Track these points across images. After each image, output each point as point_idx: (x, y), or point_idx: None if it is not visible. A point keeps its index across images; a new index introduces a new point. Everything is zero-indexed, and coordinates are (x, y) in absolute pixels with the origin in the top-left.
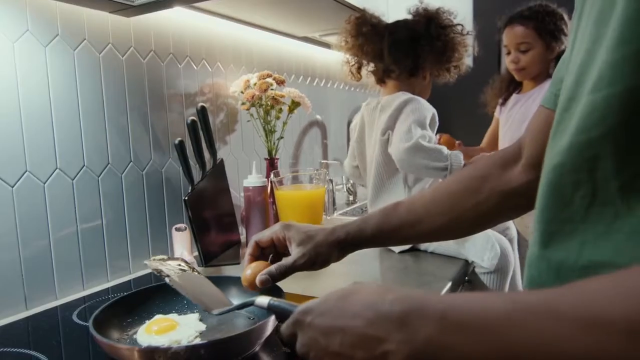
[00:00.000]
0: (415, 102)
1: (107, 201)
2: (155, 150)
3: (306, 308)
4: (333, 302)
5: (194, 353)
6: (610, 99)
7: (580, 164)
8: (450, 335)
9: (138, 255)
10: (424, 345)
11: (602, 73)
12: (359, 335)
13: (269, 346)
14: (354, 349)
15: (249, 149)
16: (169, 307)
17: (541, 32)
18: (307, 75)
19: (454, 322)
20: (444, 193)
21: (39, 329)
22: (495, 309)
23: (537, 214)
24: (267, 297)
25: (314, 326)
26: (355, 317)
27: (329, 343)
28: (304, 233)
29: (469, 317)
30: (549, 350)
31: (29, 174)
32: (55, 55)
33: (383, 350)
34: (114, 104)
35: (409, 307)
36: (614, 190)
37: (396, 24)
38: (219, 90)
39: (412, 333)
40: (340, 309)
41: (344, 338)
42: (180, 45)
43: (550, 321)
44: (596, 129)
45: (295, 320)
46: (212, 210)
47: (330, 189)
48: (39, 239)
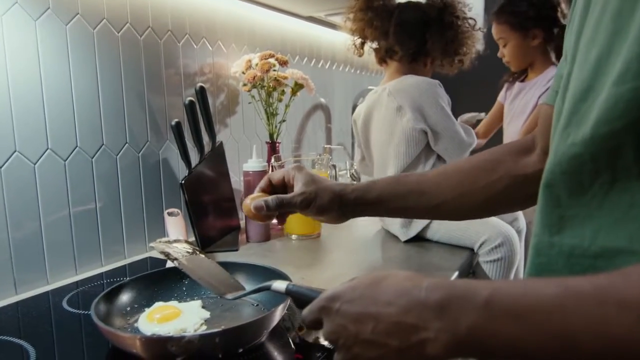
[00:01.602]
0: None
1: (101, 183)
2: (152, 132)
3: (333, 294)
4: (363, 289)
5: (208, 341)
6: (636, 91)
7: (602, 154)
8: (498, 322)
9: (133, 239)
10: (467, 333)
11: (629, 66)
12: (394, 323)
13: (275, 336)
14: (389, 337)
15: (250, 132)
16: (168, 294)
17: (513, 25)
18: (311, 57)
19: (502, 309)
20: (456, 169)
21: (27, 315)
22: (547, 294)
23: (545, 203)
24: (285, 282)
25: (343, 313)
26: (389, 304)
27: (359, 330)
28: (311, 176)
29: (518, 303)
30: (608, 336)
31: (18, 154)
32: (46, 30)
33: (420, 339)
34: (109, 83)
35: (448, 294)
36: (634, 177)
37: (408, 4)
38: (220, 71)
39: (453, 321)
40: (371, 296)
41: (377, 326)
42: (180, 22)
43: (608, 307)
44: (620, 121)
45: (321, 306)
46: (210, 195)
47: (332, 174)
48: (29, 221)
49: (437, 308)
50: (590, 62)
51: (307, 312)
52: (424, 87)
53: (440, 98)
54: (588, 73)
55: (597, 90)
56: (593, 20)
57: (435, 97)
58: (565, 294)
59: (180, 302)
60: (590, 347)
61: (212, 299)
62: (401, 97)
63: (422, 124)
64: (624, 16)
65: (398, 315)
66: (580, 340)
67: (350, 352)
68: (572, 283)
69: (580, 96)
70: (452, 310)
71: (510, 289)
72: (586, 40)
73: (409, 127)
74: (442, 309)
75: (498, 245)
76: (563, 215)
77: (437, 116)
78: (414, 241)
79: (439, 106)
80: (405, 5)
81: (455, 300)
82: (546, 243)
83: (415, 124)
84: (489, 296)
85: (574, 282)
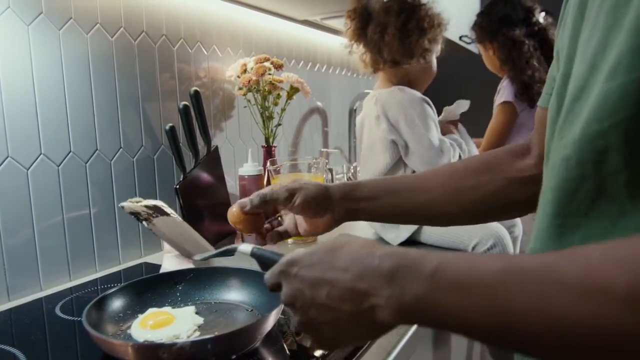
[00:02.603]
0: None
1: (95, 189)
2: (147, 136)
3: (292, 259)
4: (321, 255)
5: (200, 348)
6: (626, 86)
7: (589, 155)
8: (442, 293)
9: (128, 245)
10: (413, 302)
11: (620, 60)
12: (347, 289)
13: (270, 341)
14: (342, 303)
15: (246, 136)
16: (162, 300)
17: (477, 36)
18: (307, 60)
19: (446, 280)
20: (448, 167)
21: (20, 322)
22: (491, 269)
23: (540, 208)
24: (250, 245)
25: (301, 277)
26: (344, 270)
27: (315, 295)
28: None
29: (462, 276)
30: (546, 314)
31: (10, 159)
32: (39, 35)
33: (370, 305)
34: (103, 87)
35: (398, 263)
36: (620, 184)
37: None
38: (215, 75)
39: (401, 289)
40: (328, 262)
41: (331, 291)
42: (174, 26)
43: (549, 286)
44: (608, 119)
45: (281, 270)
46: (206, 199)
47: (329, 178)
48: (22, 227)
49: (387, 276)
50: (586, 60)
51: (268, 276)
52: (405, 103)
53: (419, 115)
54: (584, 71)
55: (591, 88)
56: (591, 17)
57: (414, 114)
58: (508, 270)
59: (174, 308)
60: (528, 324)
61: (206, 305)
62: (383, 107)
63: (395, 135)
64: (620, 10)
65: (351, 281)
66: (519, 316)
67: (306, 315)
68: (516, 260)
69: (575, 95)
70: (401, 278)
71: (456, 262)
72: (584, 39)
73: (383, 136)
74: (392, 277)
75: (490, 247)
76: (555, 223)
77: (410, 132)
78: (407, 244)
79: (414, 123)
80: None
81: (404, 269)
82: (538, 250)
83: (387, 134)
84: (436, 268)
85: (518, 259)
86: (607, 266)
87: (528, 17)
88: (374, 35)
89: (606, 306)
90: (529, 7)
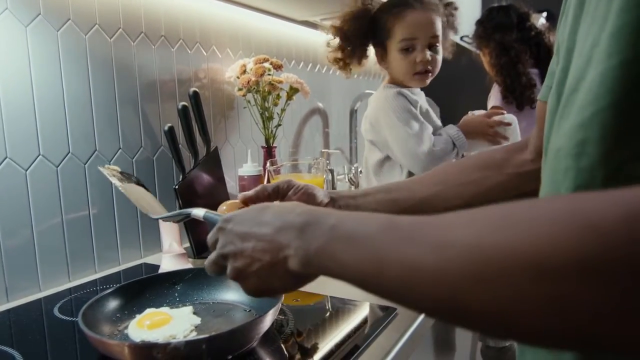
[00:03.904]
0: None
1: (94, 189)
2: (146, 137)
3: (228, 216)
4: (251, 212)
5: (195, 348)
6: (605, 74)
7: (571, 147)
8: (336, 244)
9: (127, 245)
10: (315, 252)
11: (603, 46)
12: (268, 242)
13: (267, 341)
14: (263, 253)
15: (246, 137)
16: (160, 300)
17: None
18: (307, 61)
19: (340, 234)
20: (447, 164)
21: (18, 323)
22: (373, 225)
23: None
24: (203, 209)
25: (233, 231)
26: (267, 224)
27: (243, 247)
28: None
29: (352, 230)
30: (403, 263)
31: (9, 160)
32: (37, 36)
33: (285, 255)
34: (101, 88)
35: (308, 219)
36: (598, 181)
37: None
38: (215, 76)
39: (307, 240)
40: (255, 218)
41: (256, 244)
42: (173, 27)
43: (410, 241)
44: (588, 109)
45: (219, 227)
46: (206, 200)
47: (329, 179)
48: (21, 228)
49: (299, 229)
50: (584, 53)
51: (210, 235)
52: (381, 101)
53: (394, 110)
54: (581, 64)
55: (586, 79)
56: (590, 11)
57: (389, 110)
58: (387, 226)
59: (171, 308)
60: (391, 273)
61: (204, 305)
62: (368, 107)
63: (371, 135)
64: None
65: (272, 234)
66: (386, 266)
67: (236, 265)
68: (397, 218)
69: (572, 88)
70: (308, 232)
71: (351, 218)
72: (583, 33)
73: (364, 136)
74: (301, 230)
75: None
76: None
77: (389, 128)
78: None
79: (390, 118)
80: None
81: (312, 224)
82: None
83: (366, 134)
84: (335, 222)
85: (399, 218)
86: (459, 224)
87: (522, 22)
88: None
89: (447, 256)
90: (523, 12)
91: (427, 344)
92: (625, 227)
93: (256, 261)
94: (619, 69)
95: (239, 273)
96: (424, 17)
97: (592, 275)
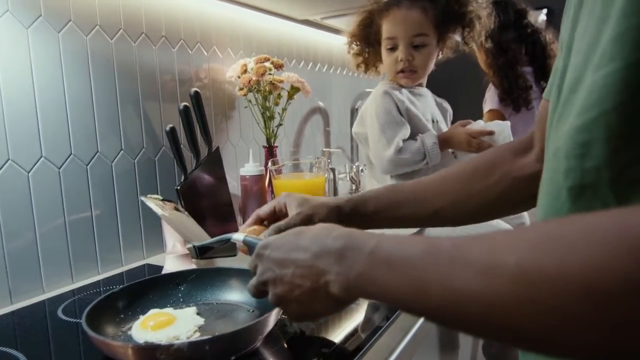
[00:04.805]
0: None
1: (97, 191)
2: (148, 138)
3: (266, 242)
4: (288, 237)
5: (198, 349)
6: (609, 77)
7: (574, 148)
8: (376, 269)
9: (130, 246)
10: (356, 277)
11: (605, 50)
12: (307, 267)
13: (271, 341)
14: (303, 279)
15: (247, 137)
16: (164, 301)
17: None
18: (308, 60)
19: (380, 258)
20: (452, 174)
21: (22, 325)
22: (414, 248)
23: (538, 200)
24: (242, 234)
25: (271, 258)
26: (305, 250)
27: (282, 273)
28: (303, 197)
29: (391, 254)
30: (451, 288)
31: (11, 162)
32: (38, 37)
33: (326, 281)
34: (103, 89)
35: (347, 243)
36: (605, 181)
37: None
38: (216, 76)
39: (348, 266)
40: (292, 243)
41: (295, 270)
42: (174, 28)
43: (456, 263)
44: (592, 111)
45: (257, 253)
46: (207, 200)
47: (331, 178)
48: (24, 230)
49: (338, 254)
50: (581, 51)
51: (250, 261)
52: (370, 99)
53: (377, 108)
54: (579, 62)
55: (584, 80)
56: (588, 8)
57: (373, 108)
58: (427, 250)
59: (176, 309)
60: (437, 297)
61: (207, 306)
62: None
63: (357, 128)
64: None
65: (311, 259)
66: (430, 289)
67: (276, 292)
68: (436, 241)
69: (571, 87)
70: (348, 257)
71: (390, 242)
72: (581, 30)
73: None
74: (340, 255)
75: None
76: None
77: (370, 126)
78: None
79: (373, 117)
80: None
81: (350, 249)
82: None
83: (354, 127)
84: (374, 247)
85: (438, 240)
86: (504, 247)
87: (519, 19)
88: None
89: (497, 282)
90: (521, 9)
91: (431, 343)
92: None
93: (297, 287)
94: (623, 72)
95: (280, 299)
96: (406, 15)
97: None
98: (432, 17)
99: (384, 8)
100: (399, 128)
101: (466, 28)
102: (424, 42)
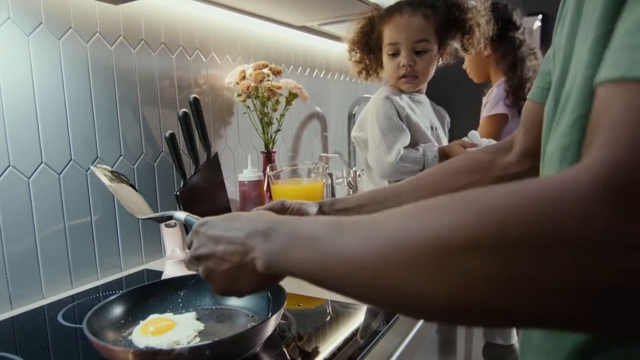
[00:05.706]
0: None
1: (96, 196)
2: (147, 144)
3: (203, 220)
4: (225, 218)
5: (199, 354)
6: (585, 82)
7: (558, 153)
8: (292, 246)
9: (129, 252)
10: (276, 254)
11: (586, 56)
12: (238, 245)
13: (270, 346)
14: (232, 255)
15: (245, 142)
16: (163, 306)
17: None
18: (306, 66)
19: (297, 236)
20: (433, 173)
21: (22, 330)
22: (322, 226)
23: None
24: (185, 213)
25: (207, 235)
26: (239, 230)
27: (215, 249)
28: (298, 203)
29: (305, 232)
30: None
31: (12, 168)
32: (39, 44)
33: (252, 257)
34: (103, 96)
35: (273, 224)
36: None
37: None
38: (214, 82)
39: (270, 244)
40: (228, 224)
41: (227, 247)
42: (173, 34)
43: (349, 235)
44: (572, 115)
45: (194, 230)
46: (206, 206)
47: (329, 183)
48: (24, 235)
49: (264, 234)
50: (580, 61)
51: (187, 237)
52: (371, 103)
53: (377, 112)
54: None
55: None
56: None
57: (373, 113)
58: (332, 225)
59: (175, 314)
60: (336, 267)
61: (207, 311)
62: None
63: (356, 132)
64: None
65: (243, 238)
66: (330, 261)
67: (207, 266)
68: (343, 218)
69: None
70: (272, 236)
71: (308, 222)
72: (581, 39)
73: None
74: (266, 235)
75: None
76: None
77: (370, 130)
78: None
79: (373, 121)
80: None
81: (274, 229)
82: None
83: (353, 132)
84: (293, 227)
85: (347, 217)
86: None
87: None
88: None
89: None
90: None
91: (429, 347)
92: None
93: (226, 262)
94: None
95: (210, 272)
96: (408, 21)
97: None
98: (434, 24)
99: (386, 14)
100: (399, 134)
101: (465, 35)
102: (426, 48)
